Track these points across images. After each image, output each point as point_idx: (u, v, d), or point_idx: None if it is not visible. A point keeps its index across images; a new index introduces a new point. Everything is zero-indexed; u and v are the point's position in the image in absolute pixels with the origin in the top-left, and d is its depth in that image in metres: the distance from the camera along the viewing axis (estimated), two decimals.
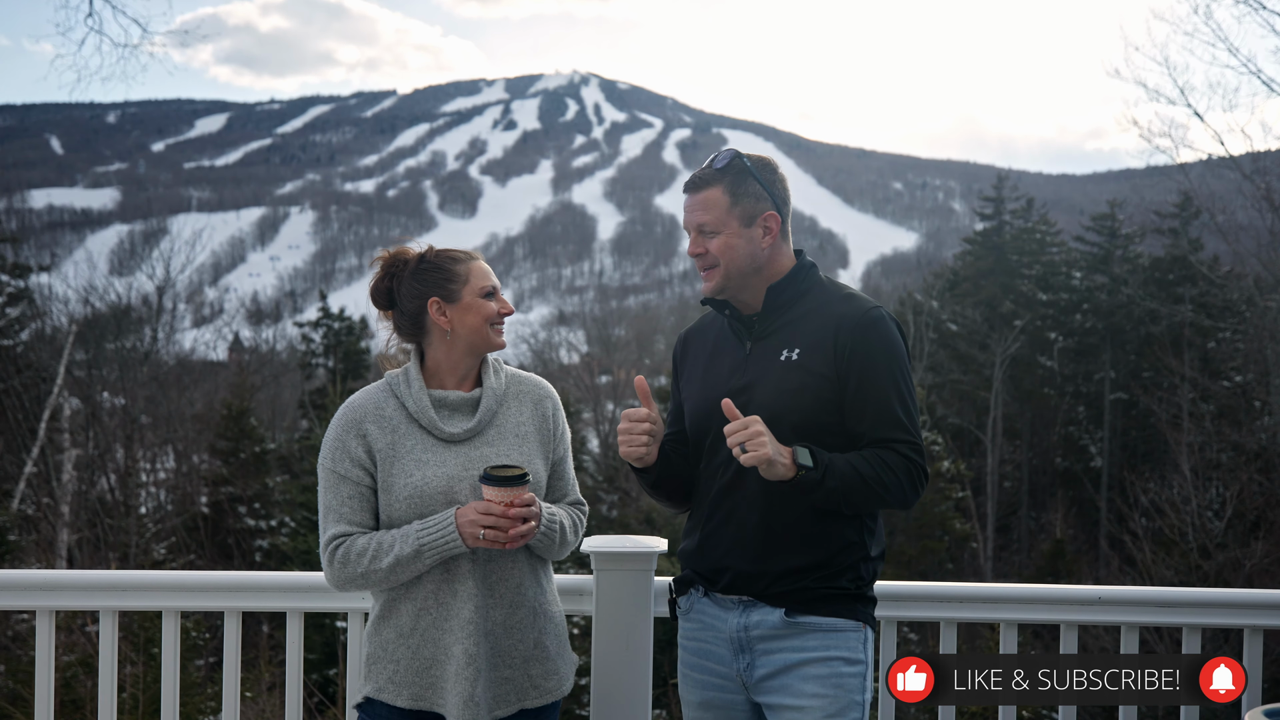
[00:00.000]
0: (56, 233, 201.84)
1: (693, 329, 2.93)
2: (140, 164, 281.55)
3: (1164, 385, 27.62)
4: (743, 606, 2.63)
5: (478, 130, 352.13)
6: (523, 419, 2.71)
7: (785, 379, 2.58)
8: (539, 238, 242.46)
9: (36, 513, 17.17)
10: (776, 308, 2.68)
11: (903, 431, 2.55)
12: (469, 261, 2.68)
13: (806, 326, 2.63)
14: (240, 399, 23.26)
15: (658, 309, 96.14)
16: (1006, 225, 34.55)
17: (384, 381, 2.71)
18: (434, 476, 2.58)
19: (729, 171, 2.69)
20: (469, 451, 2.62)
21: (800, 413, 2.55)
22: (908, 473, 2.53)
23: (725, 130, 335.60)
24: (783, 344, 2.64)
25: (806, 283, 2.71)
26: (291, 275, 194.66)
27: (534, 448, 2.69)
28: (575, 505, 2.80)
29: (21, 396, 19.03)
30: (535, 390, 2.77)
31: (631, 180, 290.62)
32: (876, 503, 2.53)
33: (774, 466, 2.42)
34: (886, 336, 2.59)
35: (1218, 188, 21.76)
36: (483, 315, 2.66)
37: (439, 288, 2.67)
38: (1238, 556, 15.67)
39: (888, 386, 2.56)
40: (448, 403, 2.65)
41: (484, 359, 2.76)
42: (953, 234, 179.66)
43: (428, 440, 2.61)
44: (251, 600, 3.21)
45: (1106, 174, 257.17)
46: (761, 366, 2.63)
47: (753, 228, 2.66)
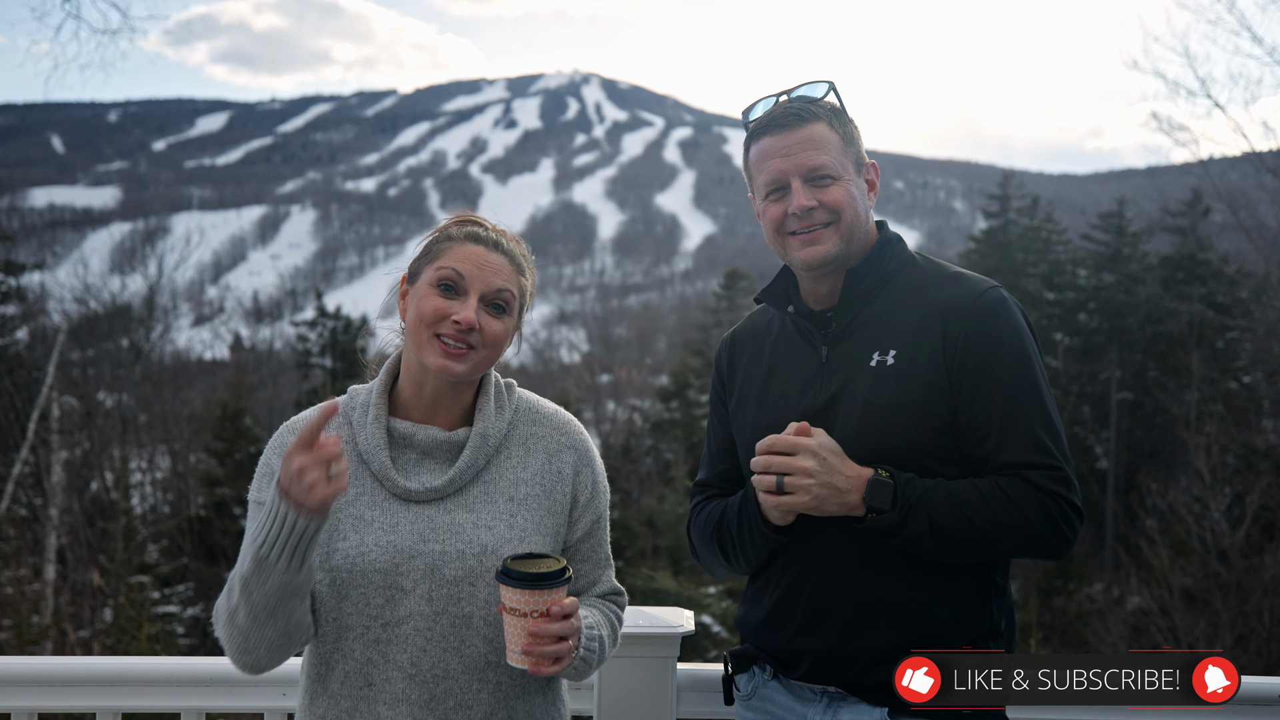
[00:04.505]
0: (57, 231, 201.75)
1: (741, 331, 2.26)
2: (141, 163, 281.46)
3: (1169, 386, 27.34)
4: (828, 700, 1.99)
5: (478, 129, 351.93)
6: (525, 475, 1.94)
7: (879, 392, 1.95)
8: (540, 236, 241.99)
9: (28, 515, 16.89)
10: (858, 297, 2.02)
11: (1040, 453, 1.89)
12: (462, 242, 1.93)
13: (902, 319, 1.99)
14: (236, 399, 22.98)
15: (659, 308, 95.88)
16: (1011, 224, 34.30)
17: (345, 398, 2.01)
18: (374, 547, 1.83)
19: (830, 105, 2.06)
20: (435, 517, 1.87)
21: (903, 437, 1.92)
22: (1042, 509, 1.86)
23: (726, 129, 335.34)
24: (872, 345, 1.99)
25: (894, 261, 2.06)
26: (292, 274, 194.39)
27: (532, 518, 1.91)
28: (611, 598, 2.03)
29: (13, 397, 18.73)
30: (555, 436, 2.00)
31: (632, 179, 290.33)
32: (988, 550, 1.89)
33: (824, 505, 1.85)
34: (1014, 327, 1.95)
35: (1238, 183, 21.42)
36: (420, 314, 1.87)
37: (417, 260, 1.97)
38: (1258, 563, 15.30)
39: (1019, 393, 1.92)
40: (415, 442, 1.91)
41: (483, 382, 1.98)
42: (954, 233, 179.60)
43: (379, 493, 1.88)
44: (133, 698, 2.43)
45: (1109, 174, 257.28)
46: (845, 377, 1.99)
47: (861, 178, 2.06)
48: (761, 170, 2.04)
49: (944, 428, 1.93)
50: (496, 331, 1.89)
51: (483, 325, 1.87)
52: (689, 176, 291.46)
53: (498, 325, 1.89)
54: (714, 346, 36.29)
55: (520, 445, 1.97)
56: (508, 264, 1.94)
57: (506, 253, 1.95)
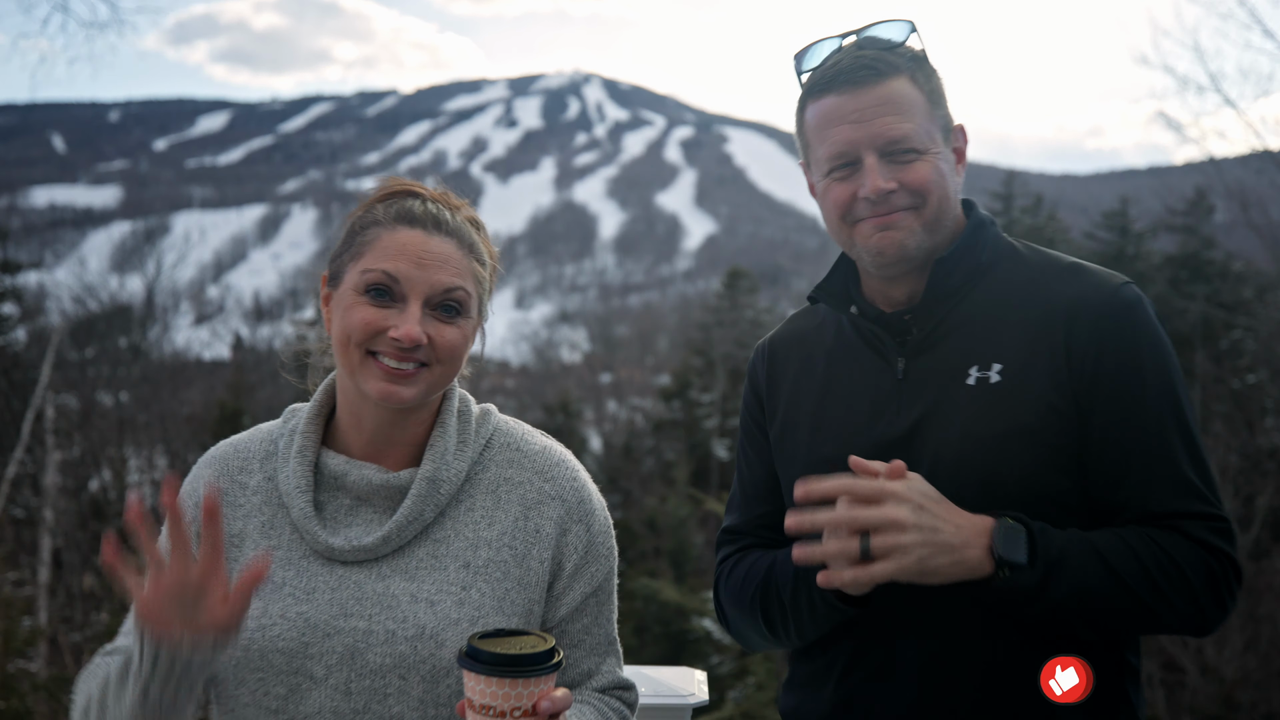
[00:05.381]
0: (59, 230, 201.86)
1: (783, 338, 1.79)
2: (142, 162, 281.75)
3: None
4: None
5: (479, 128, 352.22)
6: (489, 534, 1.47)
7: (982, 418, 1.50)
8: (541, 236, 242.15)
9: (23, 517, 16.79)
10: (945, 295, 1.58)
11: (1197, 499, 1.47)
12: (392, 227, 1.45)
13: (1007, 323, 1.55)
14: (235, 398, 22.87)
15: (660, 307, 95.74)
16: (1015, 223, 34.26)
17: (279, 422, 1.59)
18: (279, 619, 1.40)
19: (911, 52, 1.61)
20: (364, 584, 1.42)
21: (1014, 478, 1.47)
22: (1206, 570, 1.44)
23: (727, 129, 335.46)
24: (967, 356, 1.55)
25: (990, 250, 1.62)
26: (293, 273, 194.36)
27: (493, 592, 1.44)
28: (615, 693, 1.57)
29: (10, 397, 18.62)
30: (536, 481, 1.52)
31: (634, 178, 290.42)
32: (1140, 621, 1.45)
33: (930, 569, 1.37)
34: (1155, 336, 1.53)
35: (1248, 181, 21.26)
36: (348, 328, 1.43)
37: (337, 254, 1.52)
38: (1268, 566, 15.16)
39: (1165, 422, 1.49)
40: (348, 485, 1.47)
41: (442, 407, 1.53)
42: None
43: (296, 549, 1.45)
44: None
45: (1110, 173, 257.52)
46: (933, 399, 1.55)
47: (949, 146, 1.61)
48: (824, 139, 1.57)
49: (1067, 464, 1.48)
50: (451, 341, 1.45)
51: (433, 337, 1.43)
52: (690, 176, 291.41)
53: (452, 333, 1.45)
54: (715, 346, 36.07)
55: (488, 493, 1.50)
56: (455, 249, 1.47)
57: (453, 232, 1.48)
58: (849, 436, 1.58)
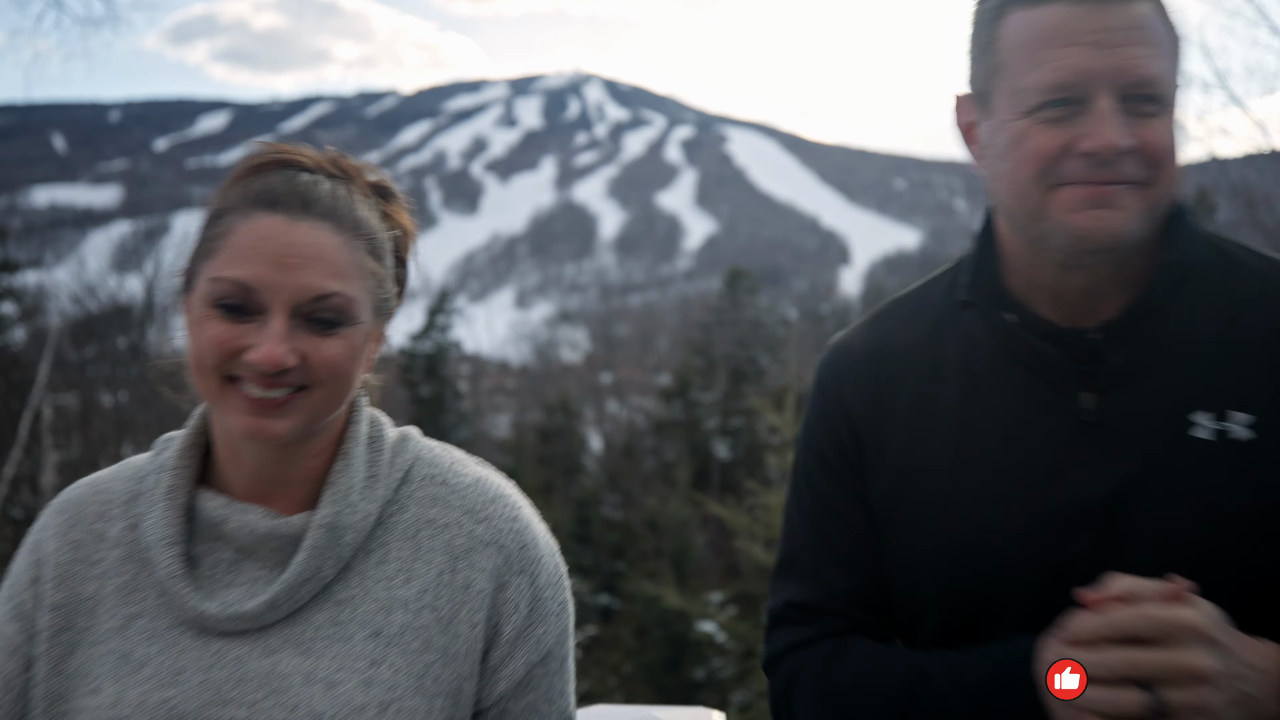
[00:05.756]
0: (59, 230, 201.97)
1: (878, 347, 1.30)
2: (143, 162, 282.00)
3: None
4: None
5: (480, 128, 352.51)
6: (407, 593, 1.14)
7: (1226, 490, 1.09)
8: (541, 235, 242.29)
9: (22, 518, 16.75)
10: (1151, 310, 1.15)
11: None
12: (247, 214, 1.12)
13: (1241, 354, 1.13)
14: None
15: (660, 307, 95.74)
16: None
17: (149, 455, 1.27)
18: (138, 708, 1.08)
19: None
20: (246, 661, 1.10)
21: (1276, 574, 1.08)
22: None
23: (727, 129, 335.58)
24: (1188, 396, 1.12)
25: (1204, 254, 1.19)
26: None
27: (410, 668, 1.11)
28: None
29: (8, 396, 18.58)
30: (467, 523, 1.18)
31: (634, 178, 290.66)
32: None
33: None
34: None
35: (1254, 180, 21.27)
36: (199, 351, 1.10)
37: (195, 251, 1.17)
38: None
39: None
40: (227, 533, 1.15)
41: (345, 433, 1.20)
42: (956, 232, 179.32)
43: (162, 617, 1.13)
44: None
45: None
46: (1143, 457, 1.12)
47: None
48: (1038, 61, 1.11)
49: None
50: (331, 357, 1.11)
51: (307, 354, 1.10)
52: (690, 175, 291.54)
53: (333, 347, 1.11)
54: (716, 346, 36.02)
55: (405, 540, 1.17)
56: (331, 236, 1.12)
57: (328, 213, 1.13)
58: (1012, 501, 1.13)
